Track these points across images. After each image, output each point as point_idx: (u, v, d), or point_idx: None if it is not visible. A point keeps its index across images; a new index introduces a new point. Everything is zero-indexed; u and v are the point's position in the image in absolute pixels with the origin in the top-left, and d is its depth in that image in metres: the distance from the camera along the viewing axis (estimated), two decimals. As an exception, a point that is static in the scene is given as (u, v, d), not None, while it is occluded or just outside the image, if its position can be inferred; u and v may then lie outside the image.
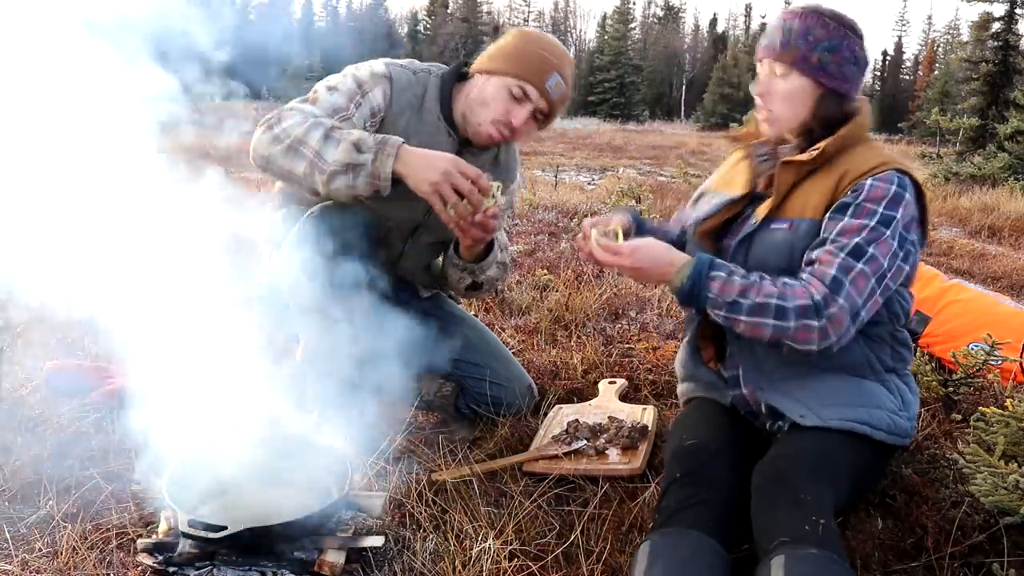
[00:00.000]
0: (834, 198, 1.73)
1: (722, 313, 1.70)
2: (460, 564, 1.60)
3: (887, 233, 1.67)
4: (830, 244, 1.68)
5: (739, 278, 1.69)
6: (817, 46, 1.76)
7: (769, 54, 1.81)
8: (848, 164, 1.75)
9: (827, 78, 1.76)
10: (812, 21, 1.77)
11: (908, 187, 1.73)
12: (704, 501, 1.56)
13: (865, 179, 1.71)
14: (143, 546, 1.60)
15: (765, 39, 1.84)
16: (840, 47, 1.77)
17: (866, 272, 1.65)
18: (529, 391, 2.47)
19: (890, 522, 1.80)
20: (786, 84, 1.79)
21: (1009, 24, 13.57)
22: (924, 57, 57.33)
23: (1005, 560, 1.60)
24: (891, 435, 1.76)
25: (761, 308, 1.65)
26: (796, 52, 1.76)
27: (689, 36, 69.93)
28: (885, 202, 1.69)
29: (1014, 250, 6.19)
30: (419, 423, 2.38)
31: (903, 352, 1.87)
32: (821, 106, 1.78)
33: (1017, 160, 10.85)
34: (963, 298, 3.04)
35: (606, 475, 2.03)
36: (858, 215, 1.68)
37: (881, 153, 1.78)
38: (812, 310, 1.63)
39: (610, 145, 19.81)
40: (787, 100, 1.80)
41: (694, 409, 1.98)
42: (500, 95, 2.11)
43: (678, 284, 1.72)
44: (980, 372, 2.46)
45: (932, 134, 16.77)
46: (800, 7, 1.82)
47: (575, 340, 3.16)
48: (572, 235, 5.67)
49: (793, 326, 1.64)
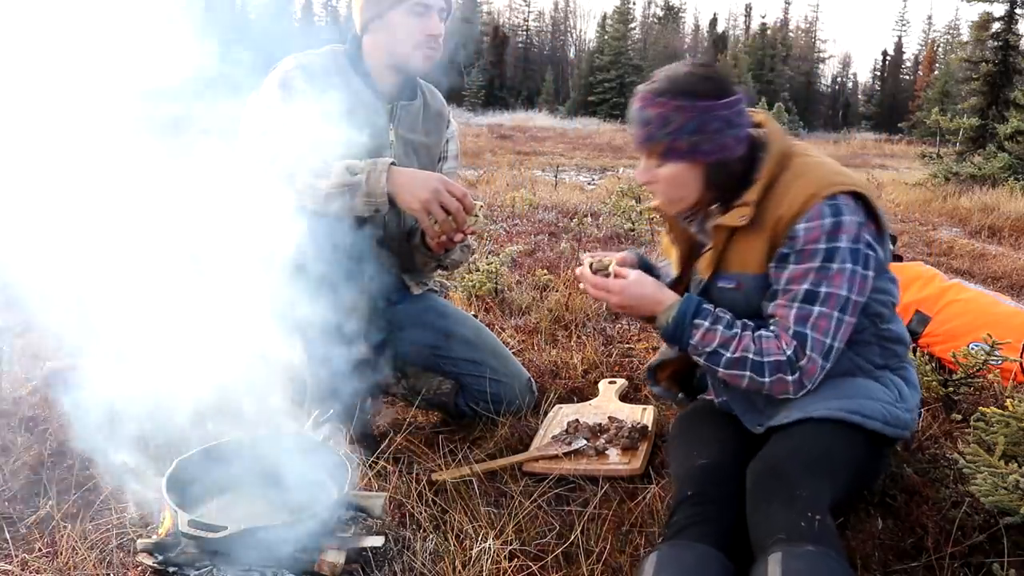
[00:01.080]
0: (773, 248, 1.71)
1: (702, 360, 1.76)
2: (460, 564, 1.60)
3: (835, 266, 1.65)
4: (781, 296, 1.70)
5: (722, 328, 1.72)
6: (681, 132, 1.65)
7: (637, 147, 1.74)
8: (777, 208, 1.68)
9: (704, 156, 1.68)
10: (667, 108, 1.65)
11: (843, 209, 1.65)
12: (714, 518, 1.56)
13: (798, 224, 1.65)
14: (143, 546, 1.60)
15: (631, 128, 1.75)
16: (706, 123, 1.65)
17: (825, 312, 1.66)
18: (529, 387, 2.47)
19: (890, 522, 1.80)
20: (666, 172, 1.72)
21: (1009, 24, 13.55)
22: (924, 57, 57.37)
23: (1005, 560, 1.60)
24: (888, 426, 1.74)
25: (739, 362, 1.70)
26: (662, 144, 1.68)
27: (689, 36, 69.98)
28: (824, 238, 1.64)
29: (1014, 250, 6.19)
30: (419, 423, 2.39)
31: (894, 348, 1.85)
32: (711, 177, 1.72)
33: (1017, 160, 10.84)
34: (963, 298, 3.03)
35: (606, 475, 2.03)
36: (801, 260, 1.66)
37: (809, 179, 1.68)
38: (786, 365, 1.67)
39: (610, 145, 19.81)
40: (672, 186, 1.74)
41: (698, 417, 1.97)
42: (407, 22, 2.18)
43: (662, 323, 1.78)
44: (980, 372, 2.46)
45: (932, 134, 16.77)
46: (653, 88, 1.69)
47: (575, 340, 3.16)
48: (572, 235, 5.67)
49: (768, 381, 1.70)
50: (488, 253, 4.60)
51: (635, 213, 5.86)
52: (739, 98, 1.69)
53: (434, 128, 2.42)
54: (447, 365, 2.39)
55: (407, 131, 2.33)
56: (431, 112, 2.41)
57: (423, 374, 2.39)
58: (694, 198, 1.76)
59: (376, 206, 1.97)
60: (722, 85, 1.68)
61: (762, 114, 1.80)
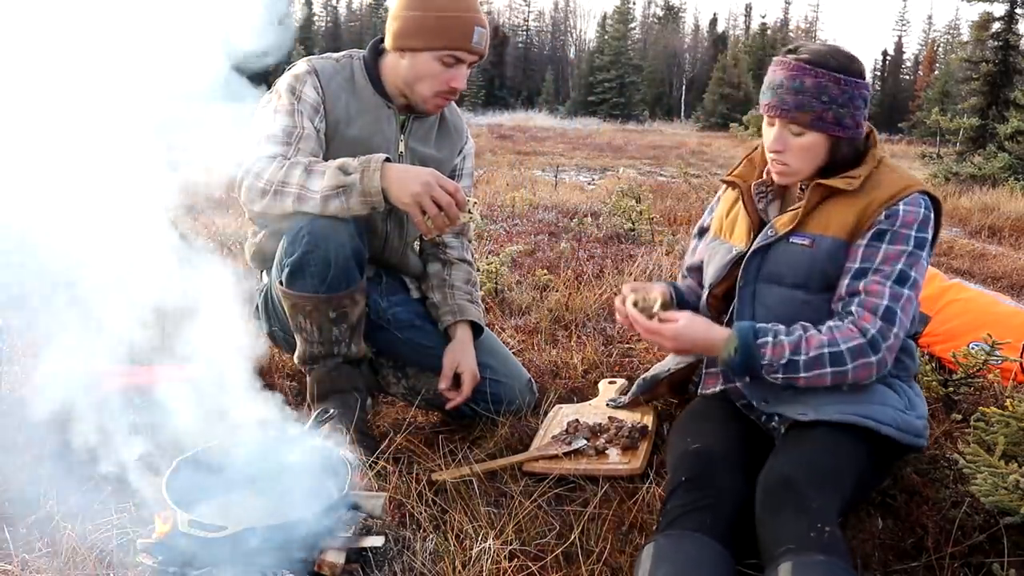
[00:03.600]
0: (861, 221, 1.76)
1: (780, 376, 1.75)
2: (460, 564, 1.60)
3: (923, 255, 1.75)
4: (875, 274, 1.73)
5: (785, 337, 1.74)
6: (832, 104, 1.74)
7: (782, 115, 1.77)
8: (875, 189, 1.78)
9: (843, 130, 1.78)
10: (825, 79, 1.74)
11: (932, 206, 1.80)
12: (709, 505, 1.56)
13: (897, 204, 1.75)
14: (143, 546, 1.59)
15: (773, 96, 1.79)
16: (853, 99, 1.76)
17: (911, 296, 1.73)
18: (529, 387, 2.47)
19: (890, 522, 1.80)
20: (802, 140, 1.79)
21: (1009, 24, 13.54)
22: (924, 57, 57.31)
23: (1005, 560, 1.60)
24: (901, 432, 1.75)
25: (816, 360, 1.71)
26: (812, 113, 1.75)
27: (689, 36, 69.91)
28: (917, 225, 1.75)
29: (1014, 250, 6.19)
30: (419, 423, 2.39)
31: (906, 361, 1.89)
32: (836, 152, 1.81)
33: (1017, 160, 10.84)
34: (963, 297, 3.04)
35: (606, 475, 2.03)
36: (895, 241, 1.74)
37: (903, 175, 1.82)
38: (867, 347, 1.69)
39: (610, 145, 19.79)
40: (804, 154, 1.80)
41: (697, 410, 1.99)
42: (434, 69, 2.14)
43: (727, 358, 1.78)
44: (980, 372, 2.46)
45: (932, 134, 16.76)
46: (805, 58, 1.76)
47: (575, 340, 3.16)
48: (572, 235, 5.67)
49: (851, 368, 1.71)
50: (488, 253, 4.60)
51: (635, 213, 5.85)
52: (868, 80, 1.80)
53: (448, 144, 2.39)
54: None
55: (419, 144, 2.30)
56: (447, 127, 2.39)
57: (423, 374, 2.39)
58: (812, 170, 1.82)
59: (372, 204, 1.96)
60: (861, 65, 1.79)
61: None
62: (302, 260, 2.01)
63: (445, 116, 2.39)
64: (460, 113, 2.48)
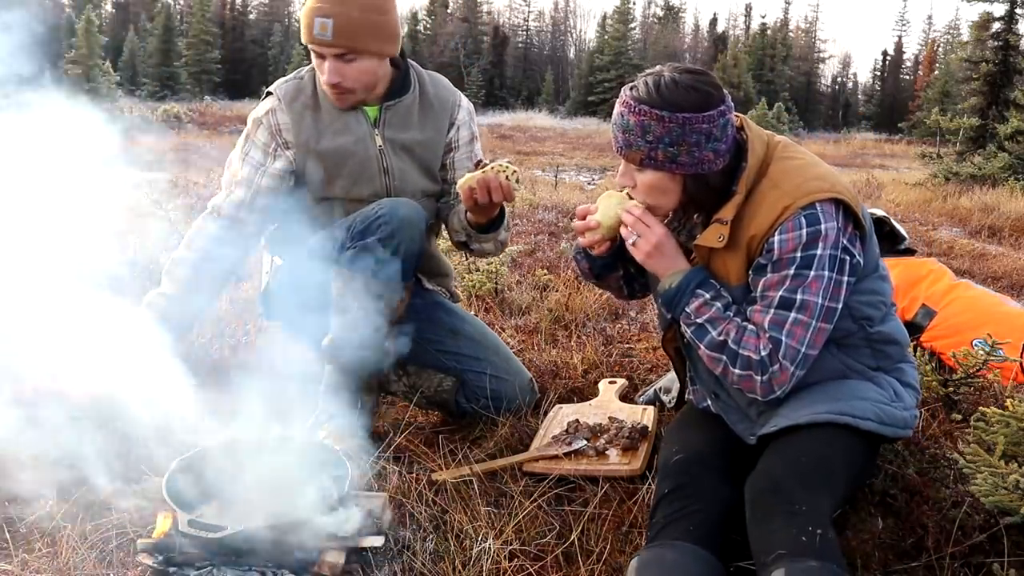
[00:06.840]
0: (750, 260, 1.71)
1: (689, 332, 1.75)
2: (460, 564, 1.60)
3: (811, 273, 1.64)
4: (759, 303, 1.69)
5: (719, 306, 1.71)
6: (659, 144, 1.63)
7: (618, 151, 1.72)
8: (754, 219, 1.67)
9: (681, 168, 1.66)
10: (647, 117, 1.63)
11: (819, 217, 1.64)
12: (695, 512, 1.56)
13: (773, 237, 1.65)
14: (143, 546, 1.60)
15: (612, 131, 1.74)
16: (684, 136, 1.62)
17: (800, 319, 1.65)
18: (530, 387, 2.48)
19: (890, 522, 1.80)
20: (645, 178, 1.71)
21: (1009, 24, 13.56)
22: (924, 57, 57.31)
23: (1005, 560, 1.60)
24: (884, 425, 1.72)
25: (720, 345, 1.70)
26: (640, 152, 1.66)
27: (689, 36, 69.90)
28: (800, 248, 1.64)
29: (1014, 250, 6.19)
30: (419, 423, 2.38)
31: (887, 349, 1.84)
32: (690, 187, 1.71)
33: (1017, 160, 10.84)
34: (968, 295, 3.06)
35: (606, 475, 2.03)
36: (778, 269, 1.66)
37: (781, 188, 1.67)
38: (757, 365, 1.67)
39: (610, 145, 19.80)
40: (652, 192, 1.72)
41: (683, 418, 1.99)
42: (316, 65, 2.21)
43: (666, 286, 1.75)
44: (980, 372, 2.46)
45: (932, 134, 16.74)
46: (632, 95, 1.67)
47: (575, 340, 3.16)
48: (572, 235, 5.67)
49: (737, 374, 1.69)
50: (488, 253, 4.60)
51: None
52: (722, 110, 1.65)
53: (432, 121, 2.33)
54: (450, 360, 2.39)
55: (397, 132, 2.28)
56: (427, 102, 2.33)
57: (423, 371, 2.39)
58: (672, 205, 1.76)
59: None
60: (706, 97, 1.64)
61: (741, 118, 1.77)
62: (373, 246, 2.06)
63: (427, 91, 2.34)
64: (447, 84, 2.42)
